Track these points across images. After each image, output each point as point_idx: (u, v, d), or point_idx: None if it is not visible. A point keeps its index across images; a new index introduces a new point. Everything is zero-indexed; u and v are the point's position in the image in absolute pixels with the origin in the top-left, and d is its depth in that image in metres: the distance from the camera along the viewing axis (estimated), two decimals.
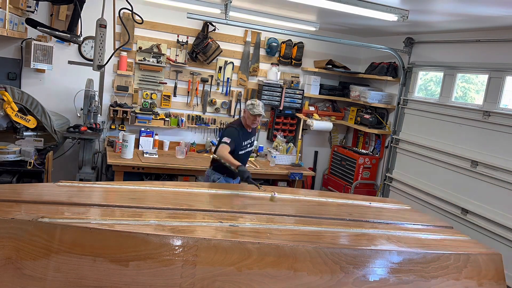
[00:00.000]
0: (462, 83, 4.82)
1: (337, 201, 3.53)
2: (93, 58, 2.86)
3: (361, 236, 2.78)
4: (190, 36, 5.49)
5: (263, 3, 4.46)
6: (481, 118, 4.31)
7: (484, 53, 4.41)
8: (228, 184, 3.94)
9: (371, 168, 5.74)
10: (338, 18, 4.81)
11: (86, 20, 3.32)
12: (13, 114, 3.98)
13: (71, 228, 2.15)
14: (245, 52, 5.80)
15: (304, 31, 5.39)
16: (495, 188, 4.13)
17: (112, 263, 2.10)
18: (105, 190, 3.02)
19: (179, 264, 2.15)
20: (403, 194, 5.32)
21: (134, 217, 2.44)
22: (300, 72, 6.16)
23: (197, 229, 2.39)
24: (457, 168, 4.57)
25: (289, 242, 2.40)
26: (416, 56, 5.37)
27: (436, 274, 2.61)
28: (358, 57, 6.41)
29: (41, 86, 5.04)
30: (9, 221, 2.11)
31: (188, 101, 5.68)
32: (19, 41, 4.79)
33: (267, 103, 5.87)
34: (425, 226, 3.22)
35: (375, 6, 3.70)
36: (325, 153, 6.57)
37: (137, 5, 4.79)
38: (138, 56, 5.31)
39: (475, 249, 2.88)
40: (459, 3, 3.41)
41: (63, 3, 3.45)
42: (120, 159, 4.76)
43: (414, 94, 5.36)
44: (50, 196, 2.62)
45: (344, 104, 6.38)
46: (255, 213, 2.87)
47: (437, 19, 4.23)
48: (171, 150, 5.44)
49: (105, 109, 5.27)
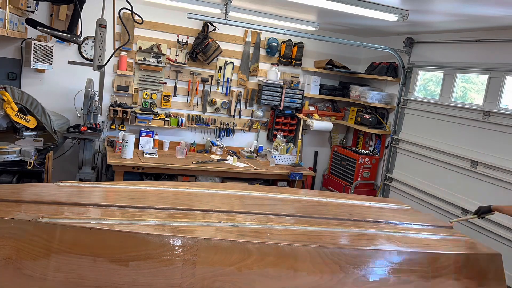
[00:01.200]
0: (462, 83, 4.82)
1: (337, 201, 3.53)
2: (93, 58, 2.86)
3: (361, 236, 2.77)
4: (190, 36, 5.49)
5: (263, 3, 4.46)
6: (481, 118, 4.31)
7: (484, 53, 4.41)
8: (228, 184, 3.94)
9: (371, 168, 5.74)
10: (338, 18, 4.81)
11: (86, 20, 3.32)
12: (13, 114, 3.98)
13: (71, 228, 2.15)
14: (245, 52, 5.80)
15: (304, 31, 5.39)
16: (495, 188, 4.13)
17: (112, 263, 2.10)
18: (105, 190, 3.02)
19: (179, 264, 2.15)
20: (403, 194, 5.32)
21: (134, 217, 2.44)
22: (300, 72, 6.16)
23: (197, 229, 2.39)
24: (457, 168, 4.57)
25: (289, 242, 2.40)
26: (416, 56, 5.37)
27: (436, 274, 2.61)
28: (358, 57, 6.41)
29: (41, 86, 5.04)
30: (9, 221, 2.11)
31: (188, 101, 5.68)
32: (19, 41, 4.79)
33: (267, 103, 5.87)
34: (425, 226, 3.21)
35: (375, 6, 3.70)
36: (325, 153, 6.57)
37: (137, 5, 4.80)
38: (138, 56, 5.31)
39: (475, 249, 2.88)
40: (459, 3, 3.41)
41: (63, 3, 3.45)
42: (120, 159, 4.76)
43: (414, 94, 5.36)
44: (50, 196, 2.62)
45: (344, 104, 6.38)
46: (255, 213, 2.87)
47: (437, 19, 4.23)
48: (171, 150, 5.44)
49: (105, 109, 5.28)
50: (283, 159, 5.62)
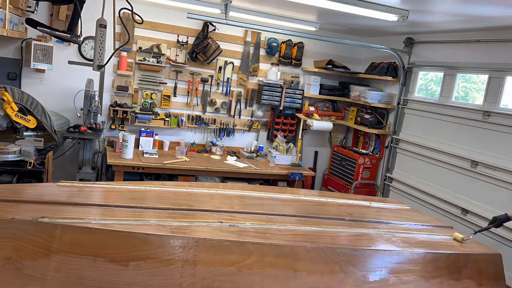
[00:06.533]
0: (462, 83, 4.82)
1: (337, 201, 3.53)
2: (93, 58, 2.86)
3: (361, 236, 2.77)
4: (190, 36, 5.49)
5: (263, 3, 4.46)
6: (481, 118, 4.31)
7: (484, 53, 4.41)
8: (228, 184, 3.94)
9: (371, 168, 5.74)
10: (338, 18, 4.81)
11: (86, 20, 3.32)
12: (13, 114, 3.98)
13: (71, 228, 2.15)
14: (245, 52, 5.80)
15: (304, 31, 5.39)
16: (495, 188, 4.13)
17: (112, 263, 2.10)
18: (105, 190, 3.02)
19: (179, 264, 2.15)
20: (403, 194, 5.32)
21: (134, 217, 2.44)
22: (300, 72, 6.16)
23: (197, 229, 2.39)
24: (457, 168, 4.57)
25: (289, 242, 2.40)
26: (416, 56, 5.37)
27: (436, 274, 2.61)
28: (358, 57, 6.41)
29: (41, 86, 5.04)
30: (9, 221, 2.11)
31: (188, 101, 5.68)
32: (19, 41, 4.79)
33: (267, 103, 5.87)
34: (425, 226, 3.21)
35: (375, 6, 3.70)
36: (325, 153, 6.57)
37: (137, 5, 4.80)
38: (138, 56, 5.31)
39: (475, 249, 2.88)
40: (459, 3, 3.41)
41: (63, 3, 3.44)
42: (120, 159, 4.76)
43: (414, 94, 5.36)
44: (50, 196, 2.62)
45: (344, 104, 6.38)
46: (255, 213, 2.87)
47: (437, 19, 4.23)
48: (171, 150, 5.44)
49: (105, 109, 5.28)
50: (283, 159, 5.62)
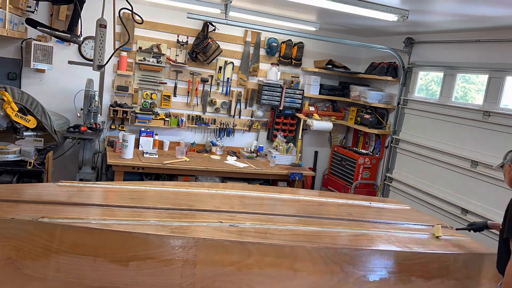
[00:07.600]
0: (462, 83, 4.82)
1: (337, 201, 3.53)
2: (93, 58, 2.86)
3: (361, 236, 2.78)
4: (190, 36, 5.49)
5: (263, 3, 4.46)
6: (481, 118, 4.31)
7: (484, 53, 4.41)
8: (228, 184, 3.94)
9: (371, 168, 5.74)
10: (338, 18, 4.81)
11: (86, 20, 3.32)
12: (13, 114, 3.98)
13: (71, 228, 2.15)
14: (245, 52, 5.80)
15: (304, 31, 5.39)
16: (495, 188, 4.13)
17: (112, 263, 2.10)
18: (105, 190, 3.02)
19: (179, 264, 2.15)
20: (403, 194, 5.32)
21: (134, 217, 2.44)
22: (300, 72, 6.16)
23: (197, 229, 2.39)
24: (457, 168, 4.57)
25: (289, 242, 2.40)
26: (416, 56, 5.37)
27: (436, 274, 2.61)
28: (358, 57, 6.41)
29: (41, 86, 5.04)
30: (9, 221, 2.11)
31: (188, 101, 5.68)
32: (19, 41, 4.79)
33: (267, 103, 5.87)
34: (425, 226, 3.22)
35: (375, 6, 3.70)
36: (325, 153, 6.57)
37: (137, 5, 4.79)
38: (138, 56, 5.31)
39: (475, 249, 2.88)
40: (459, 3, 3.41)
41: (63, 3, 3.45)
42: (120, 159, 4.76)
43: (414, 94, 5.36)
44: (50, 196, 2.62)
45: (344, 104, 6.38)
46: (255, 213, 2.87)
47: (437, 19, 4.23)
48: (171, 150, 5.44)
49: (105, 109, 5.27)
50: (283, 159, 5.62)
